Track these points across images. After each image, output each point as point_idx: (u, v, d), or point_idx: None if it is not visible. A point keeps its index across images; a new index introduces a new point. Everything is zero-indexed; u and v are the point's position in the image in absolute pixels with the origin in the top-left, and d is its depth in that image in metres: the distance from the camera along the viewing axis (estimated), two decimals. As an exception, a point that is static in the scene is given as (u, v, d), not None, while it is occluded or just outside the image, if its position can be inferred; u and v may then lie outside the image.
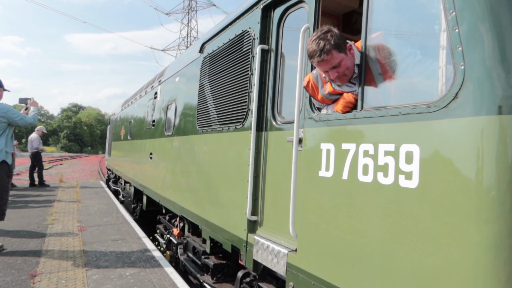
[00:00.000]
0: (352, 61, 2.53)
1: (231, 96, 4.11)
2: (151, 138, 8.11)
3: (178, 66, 6.54)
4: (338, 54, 2.46)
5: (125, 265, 5.31)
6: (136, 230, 7.81)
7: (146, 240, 6.95)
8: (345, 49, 2.48)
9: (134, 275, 4.93)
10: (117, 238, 6.93)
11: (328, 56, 2.44)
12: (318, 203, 2.68)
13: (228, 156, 4.09)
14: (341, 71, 2.50)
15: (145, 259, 5.68)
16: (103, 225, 8.04)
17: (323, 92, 2.68)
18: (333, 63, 2.45)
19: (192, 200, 5.10)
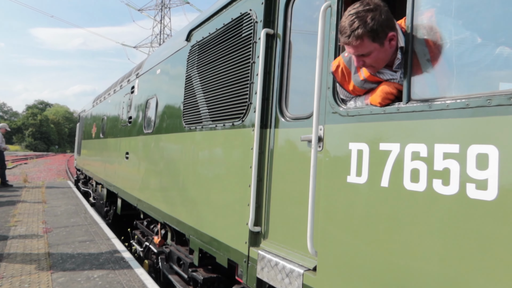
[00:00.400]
0: (387, 54, 2.09)
1: (227, 88, 3.59)
2: (127, 136, 7.44)
3: (160, 57, 5.94)
4: (371, 44, 2.02)
5: (93, 267, 5.18)
6: (105, 230, 7.62)
7: (115, 241, 6.77)
8: (383, 39, 2.02)
9: (102, 277, 4.81)
10: (85, 239, 6.77)
11: (357, 42, 2.01)
12: (346, 214, 2.22)
13: (224, 157, 3.57)
14: (368, 63, 2.10)
15: (114, 260, 5.50)
16: (70, 226, 7.78)
17: (356, 78, 2.22)
18: (361, 51, 2.05)
19: (178, 206, 4.54)
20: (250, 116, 3.21)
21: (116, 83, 9.47)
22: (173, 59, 5.22)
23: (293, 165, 2.78)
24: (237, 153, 3.35)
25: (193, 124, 4.30)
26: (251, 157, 3.11)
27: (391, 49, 2.08)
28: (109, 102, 9.97)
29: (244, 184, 3.18)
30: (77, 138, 17.42)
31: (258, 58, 3.16)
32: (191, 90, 4.40)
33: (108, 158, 9.19)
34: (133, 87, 7.39)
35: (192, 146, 4.29)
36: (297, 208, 2.69)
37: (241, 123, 3.33)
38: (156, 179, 5.42)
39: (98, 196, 11.16)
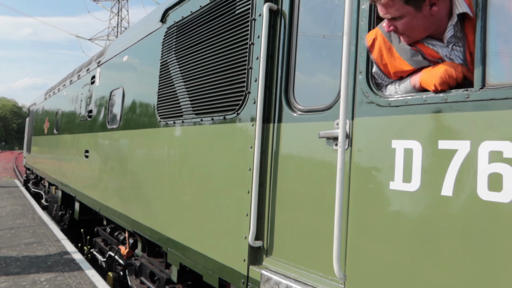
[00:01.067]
0: (428, 22, 1.68)
1: (216, 76, 3.03)
2: (87, 133, 6.61)
3: (127, 41, 5.22)
4: (403, 6, 1.66)
5: (40, 270, 4.96)
6: (54, 232, 7.30)
7: (65, 242, 6.49)
8: (421, 2, 1.61)
9: (50, 280, 4.62)
10: (32, 241, 6.47)
11: (389, 1, 1.66)
12: (389, 229, 1.76)
13: (213, 157, 3.01)
14: (400, 29, 1.73)
15: (63, 262, 5.33)
16: (16, 228, 7.41)
17: (403, 47, 1.78)
18: (392, 13, 1.68)
19: (152, 214, 3.91)
20: (248, 108, 2.67)
21: (73, 72, 8.52)
22: (144, 43, 4.55)
23: (307, 167, 2.28)
24: (231, 153, 2.81)
25: (170, 119, 3.68)
26: (250, 157, 2.58)
27: (434, 17, 1.67)
28: (64, 95, 8.97)
29: (242, 190, 2.64)
30: (27, 134, 15.89)
31: (258, 39, 2.63)
32: (168, 79, 3.78)
33: (64, 157, 8.24)
34: (94, 77, 6.57)
35: (169, 144, 3.68)
36: (314, 220, 2.21)
37: (235, 116, 2.78)
38: (123, 182, 4.73)
39: (51, 199, 10.10)
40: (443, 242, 1.57)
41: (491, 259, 1.44)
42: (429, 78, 1.66)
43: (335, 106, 2.16)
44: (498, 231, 1.43)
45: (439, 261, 1.58)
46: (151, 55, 4.28)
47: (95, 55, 7.06)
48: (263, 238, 2.54)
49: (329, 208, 2.10)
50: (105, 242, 6.13)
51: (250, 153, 2.58)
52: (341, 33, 2.20)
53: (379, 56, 1.84)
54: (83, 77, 7.37)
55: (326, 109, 2.22)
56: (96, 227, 6.52)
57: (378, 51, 1.84)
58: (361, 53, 1.97)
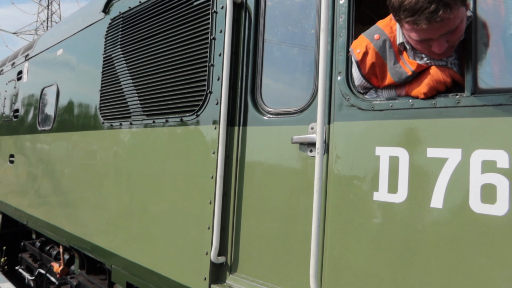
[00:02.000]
0: None
1: (171, 73, 2.73)
2: (12, 135, 5.84)
3: (62, 33, 4.66)
4: (461, 10, 1.39)
5: None
6: None
7: None
8: None
9: None
10: None
11: (450, 14, 1.33)
12: (373, 244, 1.64)
13: (168, 163, 2.71)
14: (453, 41, 1.47)
15: None
16: None
17: (398, 72, 1.61)
18: (451, 25, 1.39)
19: (93, 227, 3.47)
20: (209, 110, 2.43)
21: (-5, 67, 7.54)
22: (83, 36, 4.07)
23: (277, 174, 2.10)
24: (189, 159, 2.54)
25: (116, 120, 3.30)
26: (212, 164, 2.34)
27: None
28: (-17, 91, 7.91)
29: (202, 200, 2.39)
30: None
31: (221, 34, 2.40)
32: (113, 76, 3.39)
33: (-17, 162, 7.25)
34: (21, 72, 5.82)
35: (115, 148, 3.29)
36: (285, 232, 2.03)
37: (194, 118, 2.52)
38: (58, 191, 4.19)
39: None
40: (432, 257, 1.47)
41: (483, 275, 1.36)
42: (416, 89, 1.55)
43: (309, 109, 2.00)
44: (491, 245, 1.35)
45: (428, 278, 1.48)
46: (92, 49, 3.83)
47: (22, 48, 6.28)
48: (226, 253, 2.31)
49: (302, 220, 1.94)
50: (34, 258, 5.44)
51: (212, 159, 2.34)
52: (313, 30, 2.05)
53: (370, 72, 1.69)
54: (7, 72, 6.53)
55: (298, 112, 2.05)
56: (22, 241, 5.76)
57: (369, 67, 1.67)
58: (339, 52, 1.84)
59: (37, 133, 4.91)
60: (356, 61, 1.70)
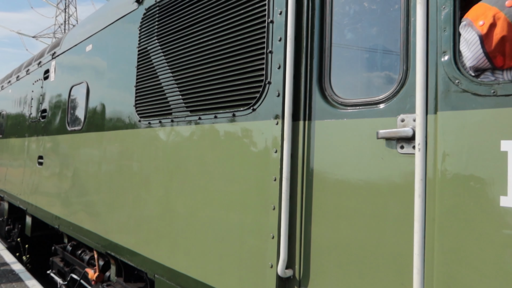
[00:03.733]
0: None
1: (220, 63, 2.45)
2: (40, 136, 5.70)
3: (90, 28, 4.45)
4: None
5: None
6: None
7: (4, 253, 6.30)
8: None
9: None
10: None
11: None
12: (500, 261, 1.32)
13: (219, 164, 2.43)
14: None
15: (1, 274, 5.16)
16: None
17: None
18: None
19: (133, 233, 3.24)
20: (268, 103, 2.14)
21: (20, 67, 7.44)
22: (115, 29, 3.84)
23: (357, 175, 1.79)
24: (244, 159, 2.25)
25: (154, 117, 3.05)
26: (275, 164, 2.05)
27: None
28: (9, 93, 7.85)
29: (263, 206, 2.10)
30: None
31: (280, 16, 2.10)
32: (150, 70, 3.14)
33: (11, 164, 7.17)
34: (48, 71, 5.67)
35: (154, 148, 3.04)
36: (370, 243, 1.72)
37: (250, 113, 2.23)
38: (91, 194, 3.98)
39: (-5, 212, 8.87)
40: None
41: None
42: None
43: (396, 98, 1.69)
44: None
45: None
46: (125, 43, 3.60)
47: (47, 46, 6.13)
48: (294, 265, 2.02)
49: (393, 228, 1.63)
50: (65, 263, 5.29)
51: (275, 159, 2.05)
52: (397, 6, 1.74)
53: (497, 48, 1.36)
54: (33, 72, 6.40)
55: (382, 101, 1.74)
56: (54, 245, 5.63)
57: (498, 42, 1.35)
58: (443, 28, 1.51)
59: (67, 134, 4.73)
60: (479, 36, 1.37)
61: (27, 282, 4.86)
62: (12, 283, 4.84)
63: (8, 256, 6.04)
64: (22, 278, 4.99)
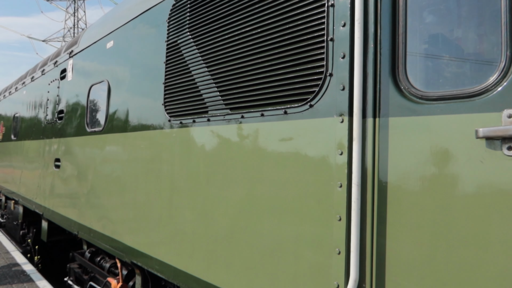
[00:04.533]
0: None
1: (268, 54, 2.19)
2: (57, 138, 5.50)
3: (111, 25, 4.23)
4: None
5: None
6: (4, 243, 7.20)
7: (15, 254, 6.42)
8: None
9: None
10: None
11: None
12: None
13: (266, 168, 2.17)
14: None
15: (12, 275, 5.24)
16: None
17: None
18: None
19: (161, 242, 2.99)
20: (330, 97, 1.86)
21: (35, 68, 7.27)
22: (139, 23, 3.61)
23: (448, 182, 1.51)
24: (299, 162, 1.98)
25: (187, 116, 2.80)
26: (340, 168, 1.77)
27: None
28: (24, 94, 7.68)
29: (326, 216, 1.83)
30: (-24, 141, 14.06)
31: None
32: (181, 65, 2.89)
33: (26, 167, 6.99)
34: (64, 70, 5.47)
35: (186, 149, 2.79)
36: (469, 263, 1.44)
37: (306, 109, 1.96)
38: (113, 199, 3.75)
39: (10, 215, 8.71)
40: None
41: None
42: None
43: (499, 90, 1.41)
44: None
45: None
46: (150, 37, 3.36)
47: (64, 45, 5.93)
48: (364, 285, 1.74)
49: (501, 247, 1.35)
50: (85, 271, 5.06)
51: (340, 163, 1.78)
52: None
53: None
54: (49, 72, 6.21)
55: (479, 94, 1.46)
56: (72, 252, 5.41)
57: None
58: None
59: (86, 135, 4.51)
60: None
61: (38, 282, 4.93)
62: (23, 283, 4.90)
63: (20, 257, 6.12)
64: (33, 279, 5.07)
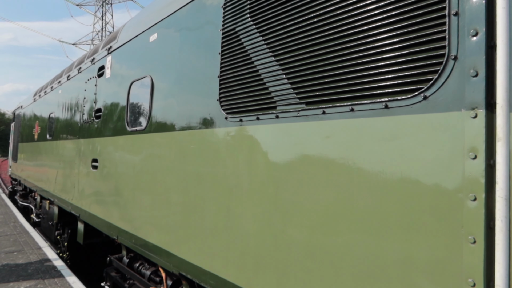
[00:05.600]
0: None
1: (362, 36, 1.82)
2: (94, 137, 5.30)
3: (154, 17, 3.95)
4: None
5: (20, 278, 4.99)
6: (36, 240, 7.26)
7: (47, 250, 6.50)
8: None
9: None
10: (13, 250, 6.47)
11: None
12: None
13: (358, 173, 1.79)
14: None
15: (44, 270, 5.35)
16: None
17: None
18: None
19: (219, 254, 2.66)
20: (455, 87, 1.47)
21: (71, 66, 7.16)
22: (188, 12, 3.30)
23: None
24: (411, 166, 1.60)
25: (249, 113, 2.46)
26: (475, 176, 1.38)
27: None
28: (59, 93, 7.60)
29: (450, 235, 1.44)
30: (13, 141, 14.32)
31: (475, -42, 1.44)
32: (241, 55, 2.56)
33: (62, 167, 6.88)
34: (102, 67, 5.27)
35: (248, 150, 2.45)
36: None
37: (419, 102, 1.58)
38: (158, 203, 3.46)
39: (45, 215, 8.69)
40: None
41: None
42: None
43: None
44: None
45: None
46: (202, 26, 3.05)
47: (102, 41, 5.75)
48: (507, 329, 1.34)
49: None
50: (123, 277, 4.83)
51: (473, 169, 1.38)
52: None
53: None
54: (85, 70, 6.05)
55: None
56: (109, 256, 5.20)
57: None
58: None
59: (126, 135, 4.26)
60: None
61: (68, 278, 5.03)
62: (54, 278, 5.02)
63: (51, 253, 6.29)
64: (64, 275, 5.18)
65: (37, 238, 7.36)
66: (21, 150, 11.74)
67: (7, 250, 6.46)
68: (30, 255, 6.15)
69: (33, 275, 5.17)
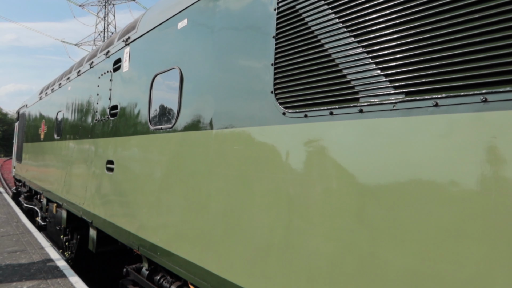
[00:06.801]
0: None
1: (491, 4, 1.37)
2: (109, 137, 4.86)
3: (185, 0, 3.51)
4: None
5: (22, 278, 4.96)
6: (38, 239, 7.22)
7: (49, 250, 6.48)
8: None
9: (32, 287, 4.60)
10: (16, 249, 6.41)
11: None
12: None
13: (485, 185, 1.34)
14: None
15: (47, 270, 5.33)
16: None
17: None
18: None
19: (272, 274, 2.21)
20: None
21: (82, 61, 6.72)
22: (227, -7, 2.86)
23: None
24: None
25: (317, 107, 2.01)
26: None
27: None
28: (68, 90, 7.17)
29: None
30: (17, 141, 13.88)
31: None
32: (305, 38, 2.11)
33: (71, 169, 6.45)
34: (119, 60, 4.83)
35: (315, 152, 2.00)
36: None
37: None
38: (192, 213, 3.01)
39: (52, 219, 8.25)
40: None
41: None
42: None
43: None
44: None
45: None
46: (248, 7, 2.60)
47: (118, 32, 5.31)
48: None
49: None
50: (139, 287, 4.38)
51: None
52: None
53: None
54: (98, 64, 5.61)
55: None
56: (126, 266, 4.75)
57: None
58: None
59: (149, 134, 3.82)
60: None
61: (71, 278, 5.02)
62: (57, 278, 4.98)
63: (53, 253, 6.28)
64: (66, 275, 5.17)
65: (39, 238, 7.34)
66: (26, 150, 11.31)
67: (10, 249, 6.42)
68: (32, 255, 6.14)
69: (35, 275, 5.19)
